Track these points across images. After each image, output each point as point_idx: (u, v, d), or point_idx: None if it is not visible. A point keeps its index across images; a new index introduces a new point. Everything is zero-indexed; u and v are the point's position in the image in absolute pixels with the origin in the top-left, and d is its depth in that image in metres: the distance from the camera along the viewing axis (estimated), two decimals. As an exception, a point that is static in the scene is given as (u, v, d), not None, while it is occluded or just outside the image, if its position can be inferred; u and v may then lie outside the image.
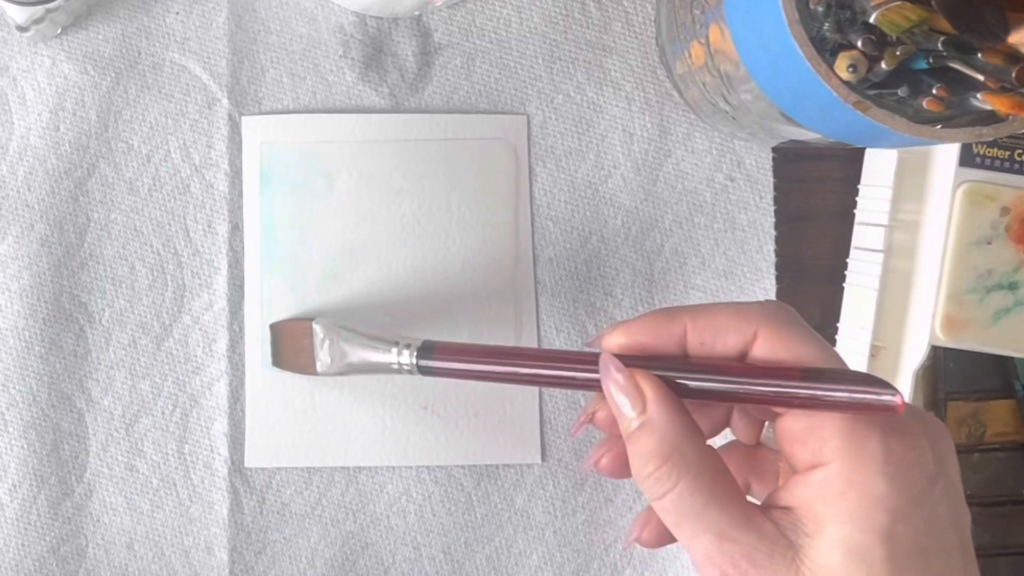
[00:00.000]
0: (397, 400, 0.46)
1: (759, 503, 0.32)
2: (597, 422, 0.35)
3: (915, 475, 0.29)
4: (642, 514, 0.35)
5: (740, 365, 0.32)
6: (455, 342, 0.39)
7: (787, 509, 0.30)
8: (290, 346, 0.45)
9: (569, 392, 0.47)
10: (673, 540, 0.32)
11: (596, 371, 0.33)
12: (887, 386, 0.29)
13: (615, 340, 0.33)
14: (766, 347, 0.31)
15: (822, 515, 0.29)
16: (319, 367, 0.43)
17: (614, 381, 0.32)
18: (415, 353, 0.39)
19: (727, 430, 0.36)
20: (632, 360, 0.32)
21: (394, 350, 0.40)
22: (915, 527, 0.29)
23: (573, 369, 0.34)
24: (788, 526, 0.30)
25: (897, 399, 0.28)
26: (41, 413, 0.45)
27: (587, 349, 0.35)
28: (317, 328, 0.43)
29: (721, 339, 0.32)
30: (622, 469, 0.34)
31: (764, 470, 0.35)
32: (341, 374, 0.43)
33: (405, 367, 0.40)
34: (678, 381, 0.32)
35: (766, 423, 0.36)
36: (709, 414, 0.35)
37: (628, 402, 0.32)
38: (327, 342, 0.43)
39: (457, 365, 0.38)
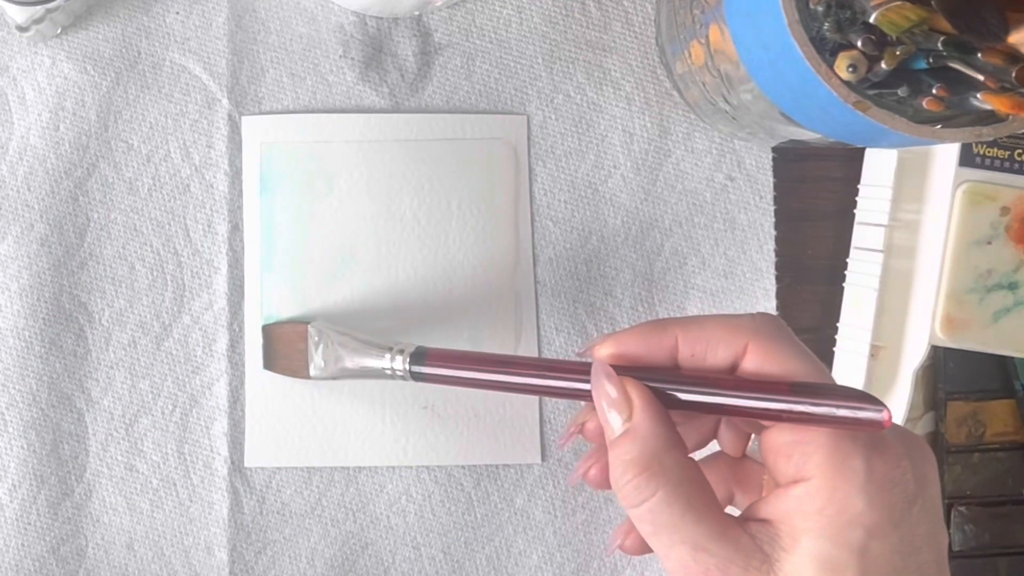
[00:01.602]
0: (397, 400, 0.46)
1: (741, 512, 0.32)
2: (586, 433, 0.35)
3: (895, 495, 0.29)
4: (625, 522, 0.35)
5: (730, 378, 0.32)
6: (448, 349, 0.39)
7: (766, 522, 0.30)
8: (283, 349, 0.45)
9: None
10: None
11: (587, 380, 0.33)
12: (875, 401, 0.29)
13: (606, 350, 0.33)
14: (756, 360, 0.31)
15: (800, 530, 0.29)
16: (312, 370, 0.43)
17: (604, 389, 0.32)
18: (408, 359, 0.39)
19: (713, 442, 0.36)
20: (623, 370, 0.32)
21: (387, 355, 0.40)
22: (891, 546, 0.29)
23: (564, 379, 0.34)
24: (765, 539, 0.30)
25: (883, 415, 0.29)
26: (41, 413, 0.45)
27: (579, 359, 0.35)
28: (312, 331, 0.43)
29: (712, 351, 0.32)
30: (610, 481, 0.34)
31: (748, 482, 0.36)
32: (334, 378, 0.43)
33: (398, 373, 0.40)
34: (668, 392, 0.32)
35: (752, 436, 0.36)
36: (696, 426, 0.35)
37: (615, 409, 0.32)
38: (322, 345, 0.43)
39: (449, 372, 0.38)
